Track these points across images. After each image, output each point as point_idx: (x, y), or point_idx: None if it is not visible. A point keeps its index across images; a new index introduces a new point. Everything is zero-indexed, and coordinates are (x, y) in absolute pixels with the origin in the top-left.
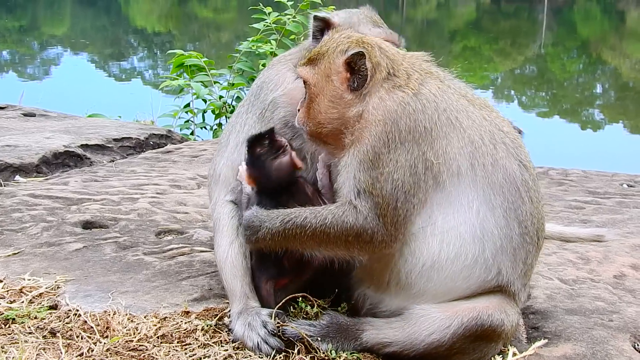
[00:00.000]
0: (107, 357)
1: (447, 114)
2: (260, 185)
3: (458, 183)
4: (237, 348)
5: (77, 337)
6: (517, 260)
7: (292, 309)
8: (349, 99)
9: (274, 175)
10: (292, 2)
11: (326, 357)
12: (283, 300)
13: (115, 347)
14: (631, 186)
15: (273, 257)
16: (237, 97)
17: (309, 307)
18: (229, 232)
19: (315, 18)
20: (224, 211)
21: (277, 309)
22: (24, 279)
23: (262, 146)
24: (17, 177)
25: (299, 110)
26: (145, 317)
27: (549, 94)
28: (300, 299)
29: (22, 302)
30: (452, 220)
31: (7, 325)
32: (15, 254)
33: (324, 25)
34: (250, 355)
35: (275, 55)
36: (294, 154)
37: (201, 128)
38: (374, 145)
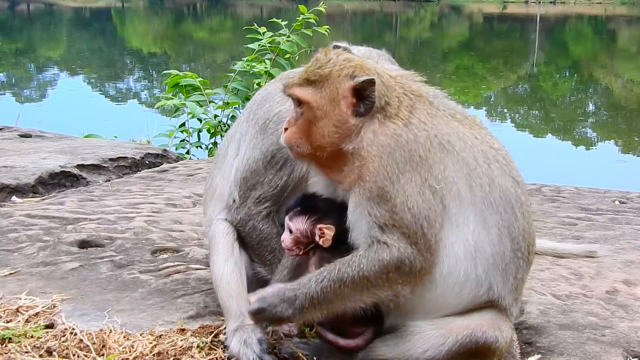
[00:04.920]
0: None
1: (439, 139)
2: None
3: (459, 205)
4: None
5: (74, 355)
6: (508, 275)
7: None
8: (352, 123)
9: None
10: (286, 22)
11: None
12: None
13: None
14: (623, 203)
15: None
16: (232, 116)
17: (307, 329)
18: (224, 250)
19: (335, 47)
20: (219, 228)
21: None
22: (20, 299)
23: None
24: (14, 198)
25: (286, 129)
26: (141, 335)
27: (541, 112)
28: None
29: (19, 321)
30: (448, 239)
31: (4, 345)
32: (11, 273)
33: None
34: None
35: (271, 74)
36: None
37: (197, 147)
38: (376, 180)
